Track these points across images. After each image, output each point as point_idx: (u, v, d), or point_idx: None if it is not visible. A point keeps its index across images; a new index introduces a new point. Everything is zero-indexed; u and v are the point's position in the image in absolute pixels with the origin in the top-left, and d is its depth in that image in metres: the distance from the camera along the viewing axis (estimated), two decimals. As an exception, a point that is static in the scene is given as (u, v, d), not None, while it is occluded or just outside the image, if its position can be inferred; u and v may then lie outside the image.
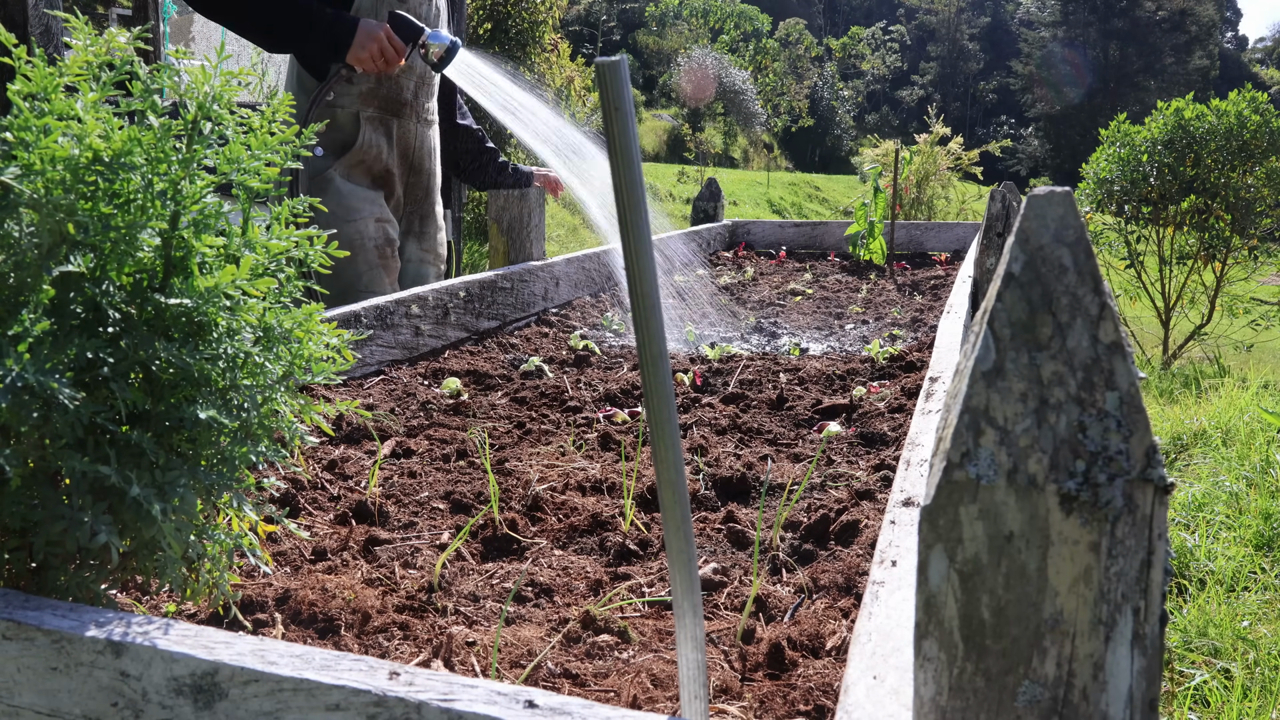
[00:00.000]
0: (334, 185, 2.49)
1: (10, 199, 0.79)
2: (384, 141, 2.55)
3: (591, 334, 2.73)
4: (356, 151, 2.50)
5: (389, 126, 2.56)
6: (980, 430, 0.53)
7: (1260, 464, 3.63)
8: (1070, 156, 43.92)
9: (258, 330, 0.90)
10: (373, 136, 2.53)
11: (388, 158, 2.58)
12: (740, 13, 37.37)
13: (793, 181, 30.45)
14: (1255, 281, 8.49)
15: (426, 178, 2.73)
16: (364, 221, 2.52)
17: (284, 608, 1.05)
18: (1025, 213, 0.54)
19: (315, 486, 1.45)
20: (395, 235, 2.63)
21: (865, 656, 0.76)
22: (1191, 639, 2.49)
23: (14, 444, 0.77)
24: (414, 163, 2.67)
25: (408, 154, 2.64)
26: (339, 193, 2.49)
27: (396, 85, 2.56)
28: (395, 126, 2.58)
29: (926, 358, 2.31)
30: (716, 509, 1.43)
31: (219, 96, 0.89)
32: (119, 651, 0.70)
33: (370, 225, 2.53)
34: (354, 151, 2.50)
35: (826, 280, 3.92)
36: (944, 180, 10.87)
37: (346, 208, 2.49)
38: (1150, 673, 0.53)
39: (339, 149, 2.50)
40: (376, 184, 2.58)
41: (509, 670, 0.95)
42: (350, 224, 2.49)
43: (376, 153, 2.54)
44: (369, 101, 2.52)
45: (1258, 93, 7.62)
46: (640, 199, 0.68)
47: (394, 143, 2.58)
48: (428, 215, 2.78)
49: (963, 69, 63.39)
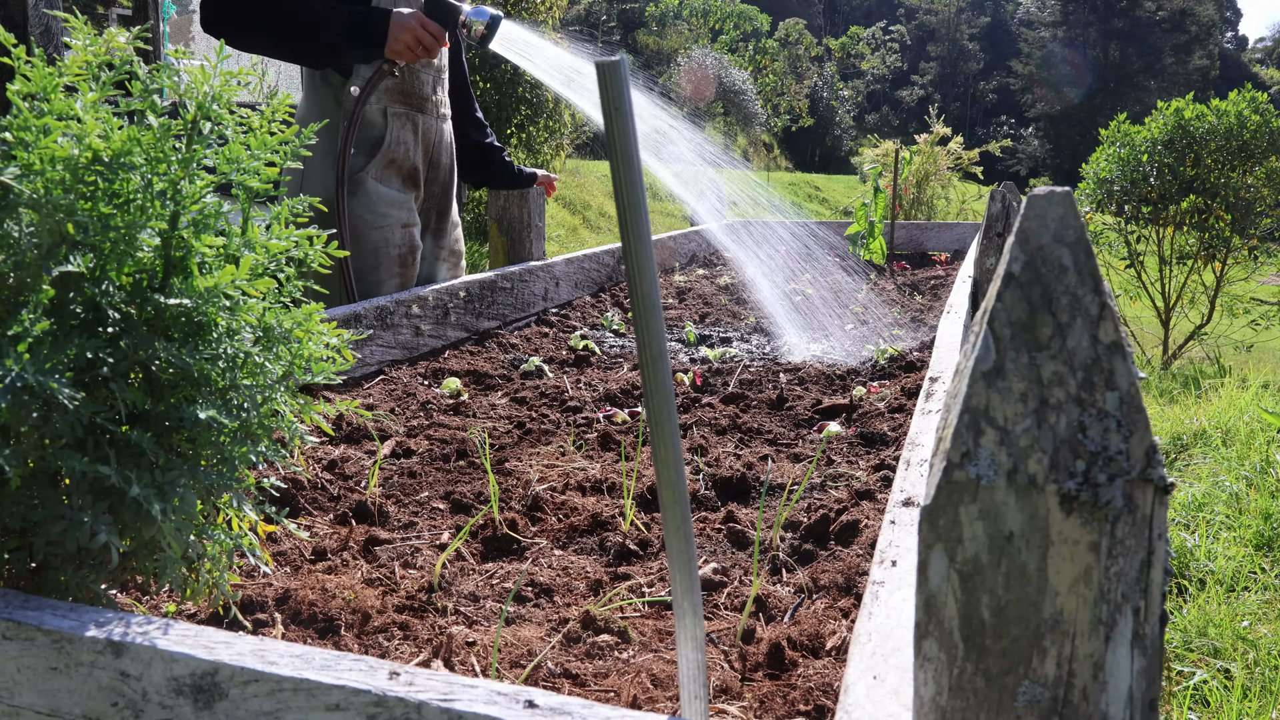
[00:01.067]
0: (365, 187, 2.44)
1: (10, 199, 0.79)
2: (411, 138, 2.51)
3: (591, 334, 2.73)
4: (387, 150, 2.46)
5: (415, 122, 2.52)
6: (980, 430, 0.53)
7: (1260, 464, 3.63)
8: (1070, 156, 43.90)
9: (258, 330, 0.90)
10: (400, 133, 2.48)
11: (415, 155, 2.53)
12: (740, 13, 37.35)
13: (793, 181, 30.45)
14: (1255, 281, 8.49)
15: (445, 174, 2.68)
16: (391, 229, 2.49)
17: (284, 608, 1.05)
18: (1025, 213, 0.54)
19: (315, 486, 1.45)
20: (419, 239, 2.59)
21: (865, 656, 0.76)
22: (1191, 639, 2.48)
23: (14, 444, 0.77)
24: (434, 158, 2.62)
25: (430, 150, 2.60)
26: (370, 196, 2.45)
27: (418, 80, 2.51)
28: (420, 122, 2.54)
29: (926, 358, 2.30)
30: (716, 509, 1.43)
31: (218, 96, 0.89)
32: (119, 651, 0.70)
33: (397, 232, 2.50)
34: (385, 150, 2.46)
35: (826, 280, 3.92)
36: (944, 180, 10.87)
37: (376, 213, 2.46)
38: (1150, 673, 0.53)
39: (370, 148, 2.46)
40: (407, 184, 2.54)
41: (509, 670, 0.95)
42: (378, 230, 2.46)
43: (405, 150, 2.50)
44: (395, 98, 2.47)
45: (1258, 93, 7.62)
46: (640, 199, 0.68)
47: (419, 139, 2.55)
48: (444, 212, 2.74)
49: (963, 69, 63.39)
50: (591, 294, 3.39)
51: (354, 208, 2.41)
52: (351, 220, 2.40)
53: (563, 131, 9.81)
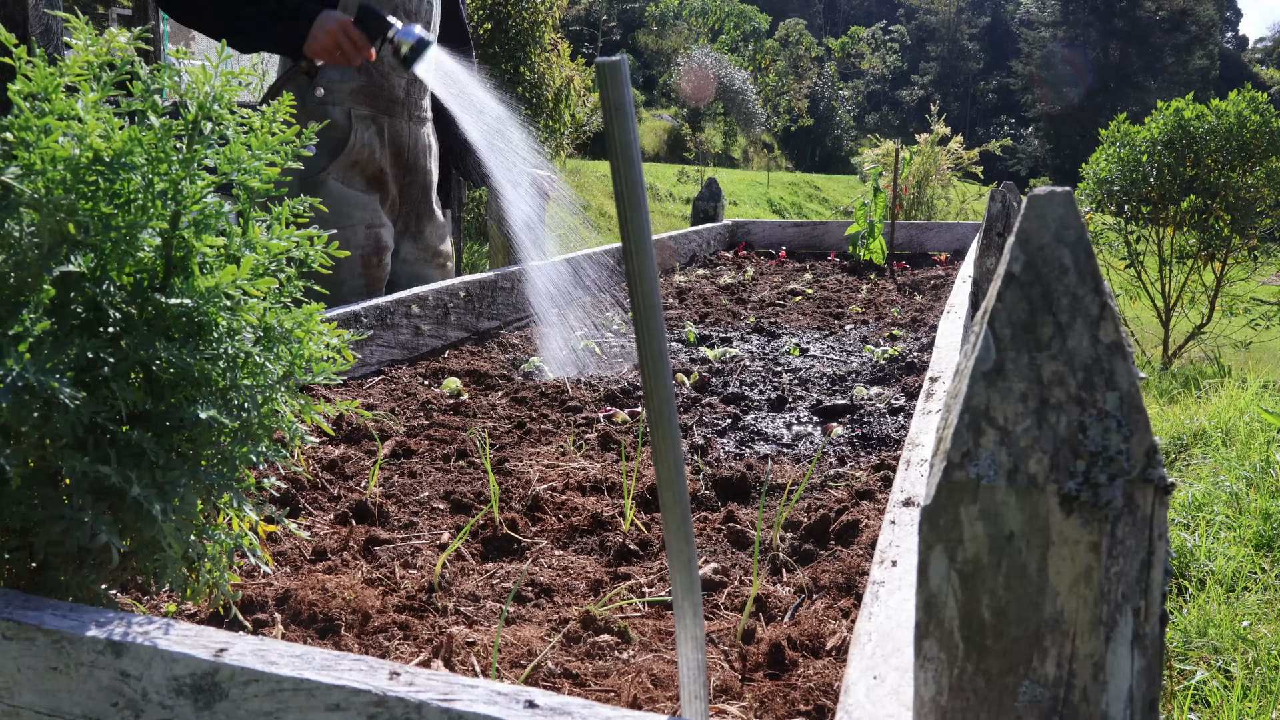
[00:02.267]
0: (327, 188, 2.45)
1: (11, 199, 0.79)
2: (376, 141, 2.52)
3: (591, 334, 2.73)
4: (350, 152, 2.47)
5: (381, 125, 2.52)
6: (981, 430, 0.53)
7: (1260, 464, 3.63)
8: (1070, 156, 43.88)
9: (258, 330, 0.90)
10: (365, 135, 2.49)
11: (380, 158, 2.53)
12: (740, 13, 37.35)
13: (793, 181, 30.44)
14: (1255, 281, 8.48)
15: (422, 176, 2.68)
16: (354, 229, 2.48)
17: (284, 608, 1.05)
18: (1025, 213, 0.54)
19: (315, 486, 1.45)
20: (389, 240, 2.59)
21: (865, 657, 0.76)
22: (1191, 639, 2.49)
23: (14, 444, 0.77)
24: (408, 162, 2.63)
25: (401, 153, 2.60)
26: (331, 196, 2.45)
27: (388, 82, 2.52)
28: (387, 125, 2.54)
29: (926, 358, 2.31)
30: (716, 509, 1.43)
31: (219, 96, 0.89)
32: (119, 651, 0.70)
33: (360, 232, 2.49)
34: (347, 152, 2.47)
35: (826, 280, 3.92)
36: (944, 180, 10.87)
37: (338, 213, 2.45)
38: (1150, 673, 0.53)
39: (332, 149, 2.46)
40: (371, 186, 2.54)
41: (509, 670, 0.95)
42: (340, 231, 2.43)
43: (370, 153, 2.51)
44: (360, 99, 2.48)
45: (1258, 93, 7.61)
46: (641, 199, 0.68)
47: (386, 142, 2.55)
48: (424, 215, 2.73)
49: (963, 69, 63.37)
50: (592, 294, 3.39)
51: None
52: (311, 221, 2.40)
53: (563, 131, 9.81)
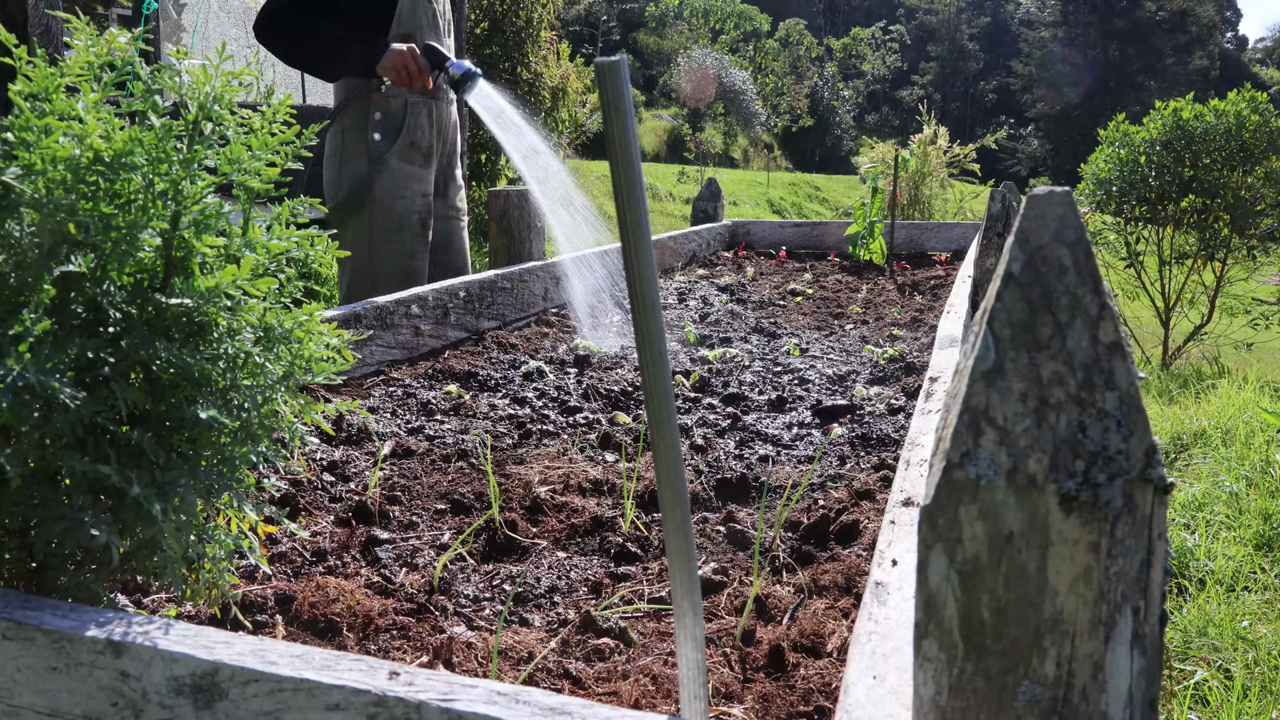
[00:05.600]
0: (390, 166, 2.95)
1: (11, 199, 0.79)
2: (426, 123, 3.03)
3: (591, 334, 2.73)
4: (407, 134, 2.99)
5: (430, 108, 3.04)
6: (980, 430, 0.53)
7: (1260, 464, 3.63)
8: (1070, 156, 43.83)
9: (258, 330, 0.90)
10: (418, 119, 3.01)
11: (429, 136, 3.05)
12: (740, 13, 37.32)
13: (793, 181, 30.42)
14: (1255, 281, 8.48)
15: (450, 147, 3.21)
16: (413, 199, 2.99)
17: (284, 608, 1.06)
18: (1025, 213, 0.54)
19: (316, 487, 1.45)
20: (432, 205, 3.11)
21: (865, 657, 0.76)
22: (1191, 639, 2.49)
23: (14, 444, 0.77)
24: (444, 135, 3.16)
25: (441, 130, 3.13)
26: (394, 173, 2.95)
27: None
28: (433, 108, 3.06)
29: (926, 358, 2.31)
30: (716, 509, 1.43)
31: (220, 97, 0.89)
32: (119, 651, 0.70)
33: (418, 201, 3.01)
34: (404, 134, 2.98)
35: (826, 280, 3.92)
36: (941, 179, 10.86)
37: (400, 186, 2.96)
38: (1150, 672, 0.53)
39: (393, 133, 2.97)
40: (425, 161, 3.05)
41: (509, 671, 0.95)
42: (402, 200, 2.97)
43: (422, 134, 3.02)
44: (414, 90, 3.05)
45: (1257, 93, 7.61)
46: (640, 199, 0.68)
47: (433, 123, 3.06)
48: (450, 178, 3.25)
49: (963, 69, 63.36)
50: (592, 294, 3.39)
51: (382, 182, 2.94)
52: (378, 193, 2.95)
53: (562, 131, 9.80)
